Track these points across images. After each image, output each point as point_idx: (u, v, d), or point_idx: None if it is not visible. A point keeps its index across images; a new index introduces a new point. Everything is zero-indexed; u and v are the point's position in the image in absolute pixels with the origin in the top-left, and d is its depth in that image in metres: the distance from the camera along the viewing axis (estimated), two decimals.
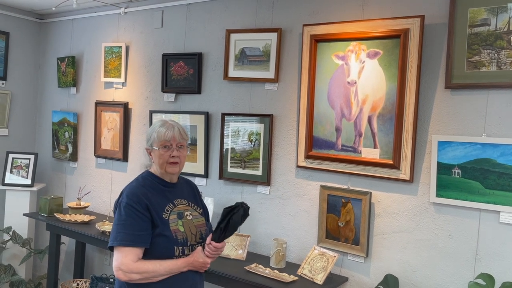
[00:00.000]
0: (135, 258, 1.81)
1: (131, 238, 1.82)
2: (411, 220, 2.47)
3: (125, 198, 1.88)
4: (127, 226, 1.83)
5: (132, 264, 1.80)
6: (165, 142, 1.95)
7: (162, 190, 1.98)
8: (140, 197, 1.87)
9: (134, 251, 1.82)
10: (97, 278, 3.68)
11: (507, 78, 2.18)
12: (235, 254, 2.87)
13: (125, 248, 1.82)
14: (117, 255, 1.83)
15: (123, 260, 1.81)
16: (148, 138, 2.02)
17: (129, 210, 1.84)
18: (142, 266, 1.81)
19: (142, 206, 1.86)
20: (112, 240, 1.85)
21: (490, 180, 2.22)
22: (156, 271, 1.83)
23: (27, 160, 4.20)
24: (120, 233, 1.83)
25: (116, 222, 1.87)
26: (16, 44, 4.42)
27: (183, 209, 2.00)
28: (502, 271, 2.21)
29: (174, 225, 1.92)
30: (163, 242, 1.87)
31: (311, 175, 2.82)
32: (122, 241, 1.82)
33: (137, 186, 1.94)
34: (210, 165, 3.30)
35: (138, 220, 1.84)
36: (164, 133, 1.95)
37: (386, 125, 2.52)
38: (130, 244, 1.82)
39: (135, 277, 1.81)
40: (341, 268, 2.70)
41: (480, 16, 2.25)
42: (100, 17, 4.05)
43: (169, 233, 1.88)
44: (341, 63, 2.66)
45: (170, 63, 3.46)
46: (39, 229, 4.38)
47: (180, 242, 1.91)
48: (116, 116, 3.83)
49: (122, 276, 1.81)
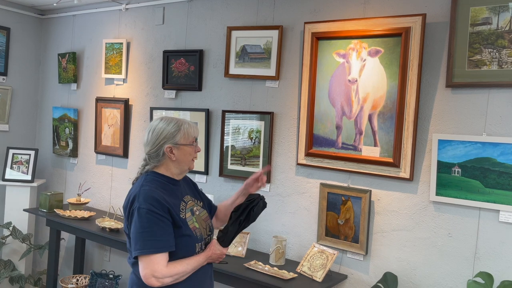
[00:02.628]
0: (165, 263, 1.80)
1: (160, 244, 1.80)
2: (410, 219, 2.48)
3: (144, 203, 1.80)
4: (153, 233, 1.79)
5: (164, 270, 1.79)
6: (193, 138, 1.96)
7: (172, 189, 1.95)
8: (159, 201, 1.82)
9: (164, 257, 1.80)
10: (96, 274, 3.69)
11: (508, 77, 2.18)
12: (235, 251, 2.88)
13: (155, 256, 1.79)
14: (147, 263, 1.79)
15: (155, 267, 1.78)
16: (171, 136, 1.90)
17: (152, 216, 1.79)
18: (173, 269, 1.81)
19: (164, 210, 1.82)
20: (140, 249, 1.79)
21: (490, 179, 2.22)
22: (185, 271, 1.85)
23: (27, 156, 4.21)
24: (147, 241, 1.79)
25: (140, 230, 1.80)
26: (17, 40, 4.42)
27: (192, 205, 2.00)
28: (501, 269, 2.21)
29: (191, 222, 1.92)
30: (187, 241, 1.88)
31: (311, 173, 2.83)
32: (152, 249, 1.78)
33: (152, 190, 1.85)
34: (210, 162, 3.30)
35: (162, 225, 1.81)
36: (193, 130, 1.95)
37: (386, 123, 2.52)
38: (159, 251, 1.79)
39: (168, 281, 1.81)
40: (340, 266, 2.70)
41: (481, 15, 2.25)
42: (101, 13, 4.05)
43: (189, 231, 1.89)
44: (342, 61, 2.66)
45: (171, 59, 3.46)
46: (39, 224, 4.39)
47: (199, 238, 1.93)
48: (117, 112, 3.83)
49: (155, 282, 1.79)
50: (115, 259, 3.93)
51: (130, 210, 1.85)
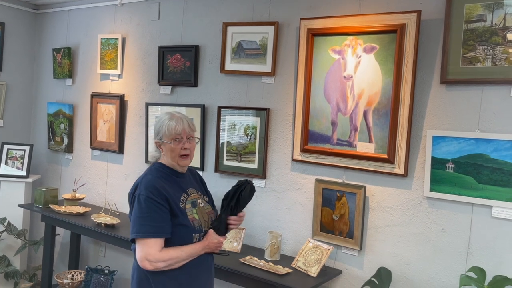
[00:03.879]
0: (159, 248, 1.88)
1: (154, 229, 1.88)
2: (404, 214, 2.50)
3: (144, 191, 1.92)
4: (149, 218, 1.89)
5: (158, 254, 1.87)
6: (176, 135, 2.00)
7: (175, 180, 2.05)
8: (158, 189, 1.92)
9: (159, 242, 1.89)
10: (92, 270, 3.69)
11: (502, 74, 2.20)
12: (230, 247, 2.89)
13: (150, 240, 1.88)
14: (141, 246, 1.89)
15: (149, 251, 1.87)
16: (157, 132, 2.04)
17: (150, 203, 1.89)
18: (166, 254, 1.89)
19: (162, 198, 1.91)
20: (136, 232, 1.89)
21: (483, 175, 2.24)
22: (179, 257, 1.91)
23: (22, 151, 4.19)
24: (143, 225, 1.88)
25: (138, 215, 1.91)
26: (11, 35, 4.39)
27: (195, 198, 2.08)
28: (493, 264, 2.24)
29: (190, 213, 2.00)
30: (183, 231, 1.95)
31: (307, 169, 2.84)
32: (147, 233, 1.88)
33: (153, 179, 1.97)
34: (206, 158, 3.30)
35: (160, 212, 1.90)
36: (175, 127, 1.99)
37: (381, 119, 2.53)
38: (154, 236, 1.88)
39: (161, 265, 1.89)
40: (335, 261, 2.72)
41: (476, 12, 2.26)
42: (96, 8, 4.03)
43: (187, 222, 1.96)
44: (337, 57, 2.67)
45: (166, 55, 3.46)
46: (34, 220, 4.38)
47: (197, 230, 1.99)
48: (112, 108, 3.82)
49: (148, 265, 1.88)
50: (110, 255, 3.93)
51: (133, 196, 1.96)
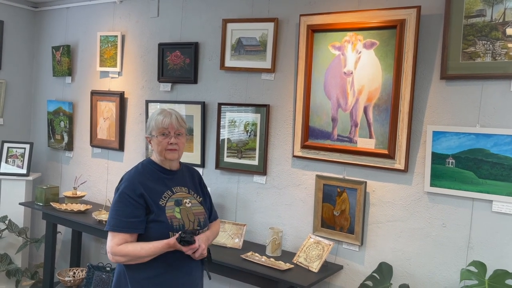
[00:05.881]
0: (120, 242, 1.92)
1: (121, 224, 1.92)
2: (405, 210, 2.51)
3: (122, 185, 1.98)
4: (119, 213, 1.94)
5: (115, 247, 1.91)
6: (163, 129, 2.02)
7: (161, 177, 2.05)
8: (136, 184, 1.96)
9: (122, 236, 1.92)
10: (93, 267, 3.70)
11: (502, 69, 2.20)
12: (232, 243, 2.90)
13: (114, 233, 1.93)
14: (108, 238, 1.96)
15: (109, 243, 1.94)
16: (147, 127, 2.09)
17: (123, 198, 1.94)
18: (124, 249, 1.91)
19: (136, 193, 1.94)
20: (107, 225, 1.97)
21: (483, 170, 2.25)
22: (136, 254, 1.91)
23: (22, 150, 4.19)
24: (112, 218, 1.95)
25: (111, 208, 1.98)
26: (10, 33, 4.38)
27: (182, 197, 2.06)
28: (494, 259, 2.25)
29: (170, 211, 1.99)
30: (158, 228, 1.95)
31: (307, 165, 2.85)
32: (113, 227, 1.94)
33: (135, 174, 2.02)
34: (206, 155, 3.31)
35: (131, 207, 1.93)
36: (162, 121, 2.02)
37: (381, 115, 2.54)
38: (119, 230, 1.92)
39: (121, 260, 1.93)
40: (336, 257, 2.73)
41: (475, 7, 2.26)
42: (95, 6, 4.02)
43: (164, 218, 1.96)
44: (337, 53, 2.67)
45: (166, 52, 3.46)
46: (35, 218, 4.38)
47: (176, 228, 1.96)
48: (112, 105, 3.82)
49: (111, 258, 1.95)
50: None
51: (115, 190, 2.03)
